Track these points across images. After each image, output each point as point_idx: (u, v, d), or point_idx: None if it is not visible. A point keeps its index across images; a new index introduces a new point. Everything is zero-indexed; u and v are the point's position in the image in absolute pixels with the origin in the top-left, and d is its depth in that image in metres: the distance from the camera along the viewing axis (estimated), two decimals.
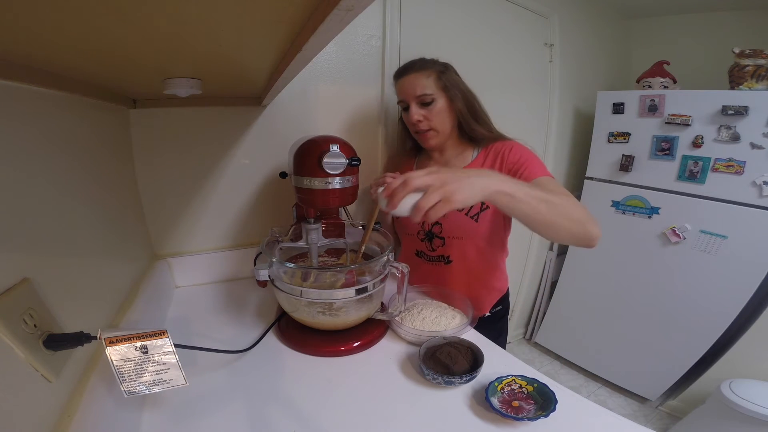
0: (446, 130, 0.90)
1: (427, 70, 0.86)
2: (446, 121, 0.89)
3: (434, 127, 0.88)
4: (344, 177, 0.71)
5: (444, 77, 0.86)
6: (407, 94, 0.88)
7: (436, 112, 0.87)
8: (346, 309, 0.72)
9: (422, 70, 0.86)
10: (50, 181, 0.50)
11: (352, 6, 0.25)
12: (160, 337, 0.44)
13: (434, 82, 0.86)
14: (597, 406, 0.59)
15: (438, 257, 0.96)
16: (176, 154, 0.94)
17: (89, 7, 0.25)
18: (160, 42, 0.36)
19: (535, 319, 2.20)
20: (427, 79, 0.85)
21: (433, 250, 0.96)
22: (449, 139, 0.93)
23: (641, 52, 2.09)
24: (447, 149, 0.95)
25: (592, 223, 0.67)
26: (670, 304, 1.61)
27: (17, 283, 0.39)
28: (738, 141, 1.36)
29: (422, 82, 0.85)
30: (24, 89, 0.44)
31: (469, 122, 0.89)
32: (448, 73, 0.87)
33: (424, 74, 0.86)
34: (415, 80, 0.86)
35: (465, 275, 0.94)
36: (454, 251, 0.93)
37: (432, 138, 0.90)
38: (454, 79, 0.88)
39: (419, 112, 0.87)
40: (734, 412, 1.27)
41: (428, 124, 0.88)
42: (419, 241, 0.98)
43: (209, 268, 1.04)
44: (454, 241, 0.92)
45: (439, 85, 0.86)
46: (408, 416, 0.58)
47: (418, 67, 0.87)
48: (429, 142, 0.91)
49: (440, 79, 0.86)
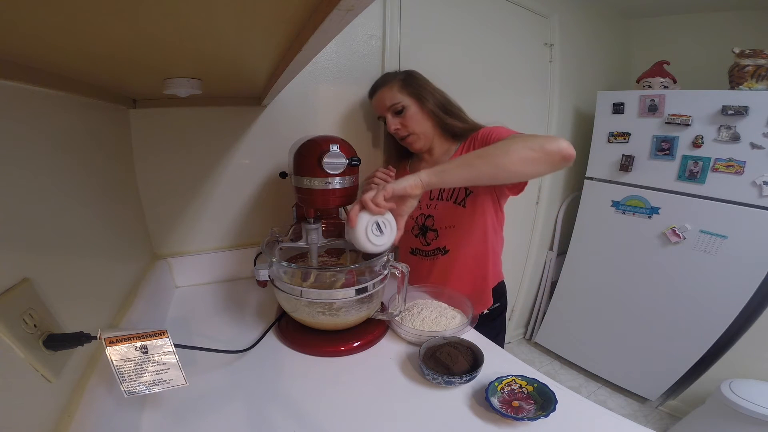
0: (427, 132, 0.94)
1: (390, 83, 0.94)
2: (422, 123, 0.93)
3: (413, 131, 0.93)
4: (344, 177, 0.71)
5: (408, 84, 0.93)
6: (380, 108, 0.96)
7: (409, 117, 0.92)
8: (346, 309, 0.72)
9: (386, 84, 0.95)
10: (50, 181, 0.50)
11: (352, 6, 0.25)
12: (160, 337, 0.44)
13: (399, 91, 0.92)
14: (597, 406, 0.59)
15: (434, 250, 0.97)
16: (176, 154, 0.94)
17: (89, 8, 0.25)
18: (160, 42, 0.36)
19: (535, 319, 2.20)
20: (391, 91, 0.93)
21: (428, 244, 0.98)
22: (434, 139, 0.96)
23: (641, 52, 2.09)
24: (434, 149, 0.98)
25: (549, 141, 0.65)
26: (670, 304, 1.61)
27: (17, 283, 0.39)
28: (738, 141, 1.36)
29: (389, 94, 0.93)
30: (24, 89, 0.44)
31: (443, 119, 0.93)
32: (410, 79, 0.94)
33: (388, 87, 0.94)
34: (382, 95, 0.95)
35: (464, 264, 0.95)
36: (449, 241, 0.95)
37: (415, 141, 0.95)
38: (418, 83, 0.94)
39: (395, 122, 0.94)
40: (734, 412, 1.27)
41: (406, 130, 0.93)
42: (414, 237, 1.00)
43: (209, 268, 1.04)
44: (447, 230, 0.94)
45: (405, 92, 0.92)
46: (408, 416, 0.58)
47: (382, 82, 0.97)
48: (414, 146, 0.96)
49: (405, 86, 0.92)
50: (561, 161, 0.66)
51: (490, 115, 0.97)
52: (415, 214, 0.97)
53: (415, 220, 0.99)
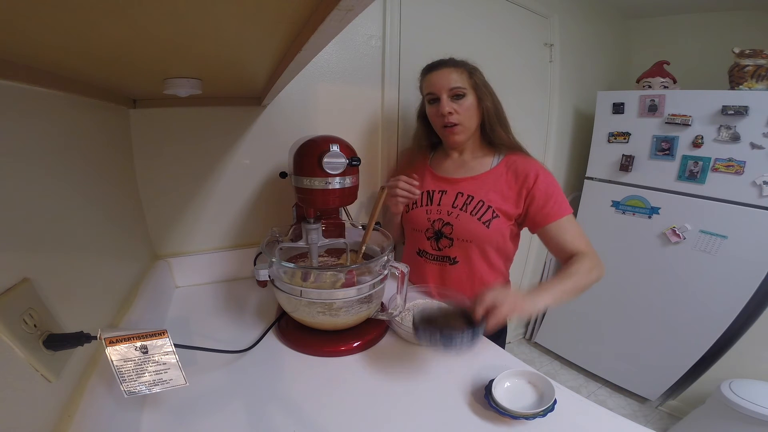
0: (472, 128, 0.91)
1: (459, 67, 0.89)
2: (473, 118, 0.90)
3: (462, 122, 0.89)
4: (344, 177, 0.71)
5: (475, 76, 0.89)
6: (440, 86, 0.89)
7: (465, 107, 0.88)
8: (346, 309, 0.72)
9: (455, 66, 0.89)
10: (50, 181, 0.50)
11: (352, 6, 0.25)
12: (160, 337, 0.44)
13: (467, 79, 0.88)
14: (597, 406, 0.59)
15: (443, 257, 0.96)
16: (176, 154, 0.94)
17: (90, 8, 0.25)
18: (160, 42, 0.36)
19: (535, 319, 2.20)
20: (460, 75, 0.88)
21: (439, 249, 0.96)
22: (470, 140, 0.94)
23: (641, 52, 2.09)
24: (466, 150, 0.96)
25: (599, 270, 0.81)
26: (670, 304, 1.61)
27: (17, 283, 0.39)
28: (738, 141, 1.36)
29: (455, 76, 0.88)
30: (24, 89, 0.44)
31: (492, 123, 0.91)
32: (478, 73, 0.91)
33: (457, 70, 0.88)
34: (448, 74, 0.88)
35: (468, 277, 0.94)
36: (460, 253, 0.93)
37: (459, 133, 0.91)
38: (483, 80, 0.91)
39: (451, 105, 0.88)
40: (734, 412, 1.27)
41: (457, 118, 0.89)
42: (425, 239, 0.97)
43: (209, 268, 1.04)
44: (463, 243, 0.92)
45: (471, 82, 0.88)
46: (407, 415, 0.58)
47: (451, 63, 0.90)
48: (455, 137, 0.92)
49: (471, 77, 0.89)
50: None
51: None
52: (434, 217, 0.94)
53: (432, 224, 0.95)
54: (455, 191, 0.92)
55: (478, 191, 0.90)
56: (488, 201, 0.88)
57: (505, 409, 0.55)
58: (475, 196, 0.89)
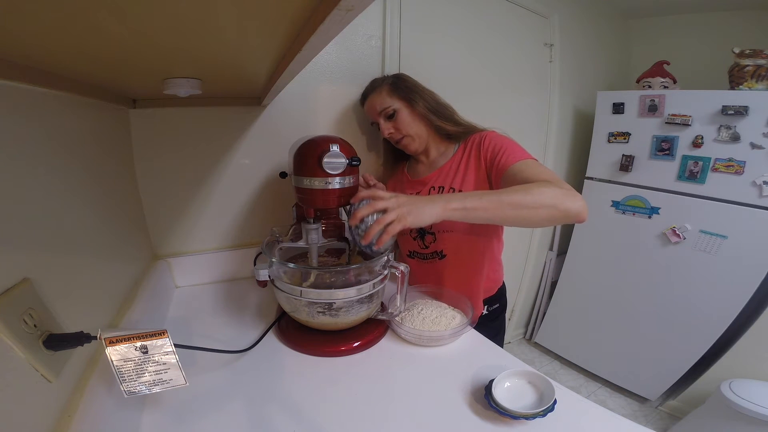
0: (420, 133, 0.94)
1: (378, 88, 0.95)
2: (415, 125, 0.93)
3: (407, 134, 0.93)
4: (344, 177, 0.71)
5: (397, 87, 0.93)
6: (373, 112, 0.97)
7: (402, 121, 0.93)
8: (346, 309, 0.72)
9: (375, 89, 0.96)
10: (50, 181, 0.50)
11: (352, 6, 0.25)
12: (160, 337, 0.44)
13: (389, 95, 0.93)
14: (597, 406, 0.59)
15: (432, 254, 0.97)
16: (176, 154, 0.94)
17: (90, 8, 0.25)
18: (160, 42, 0.36)
19: (535, 319, 2.20)
20: (381, 96, 0.94)
21: (426, 247, 0.97)
22: (429, 141, 0.96)
23: (641, 52, 2.09)
24: (430, 150, 0.98)
25: (568, 199, 0.66)
26: (670, 304, 1.61)
27: (17, 283, 0.39)
28: (738, 141, 1.36)
29: (378, 99, 0.94)
30: (24, 89, 0.44)
31: (433, 120, 0.93)
32: (399, 82, 0.94)
33: (377, 92, 0.95)
34: (372, 101, 0.96)
35: (460, 269, 0.94)
36: (447, 245, 0.94)
37: (410, 143, 0.95)
38: (407, 85, 0.94)
39: (387, 126, 0.94)
40: (734, 412, 1.27)
41: (400, 133, 0.94)
42: (412, 240, 0.99)
43: (209, 268, 1.04)
44: (445, 234, 0.93)
45: (395, 95, 0.93)
46: (407, 415, 0.58)
47: (371, 88, 0.98)
48: (409, 148, 0.97)
49: (394, 90, 0.93)
50: (572, 221, 0.69)
51: (491, 115, 0.97)
52: None
53: None
54: (428, 188, 0.95)
55: (446, 180, 0.92)
56: (457, 186, 0.89)
57: (505, 409, 0.55)
58: (445, 186, 0.91)
